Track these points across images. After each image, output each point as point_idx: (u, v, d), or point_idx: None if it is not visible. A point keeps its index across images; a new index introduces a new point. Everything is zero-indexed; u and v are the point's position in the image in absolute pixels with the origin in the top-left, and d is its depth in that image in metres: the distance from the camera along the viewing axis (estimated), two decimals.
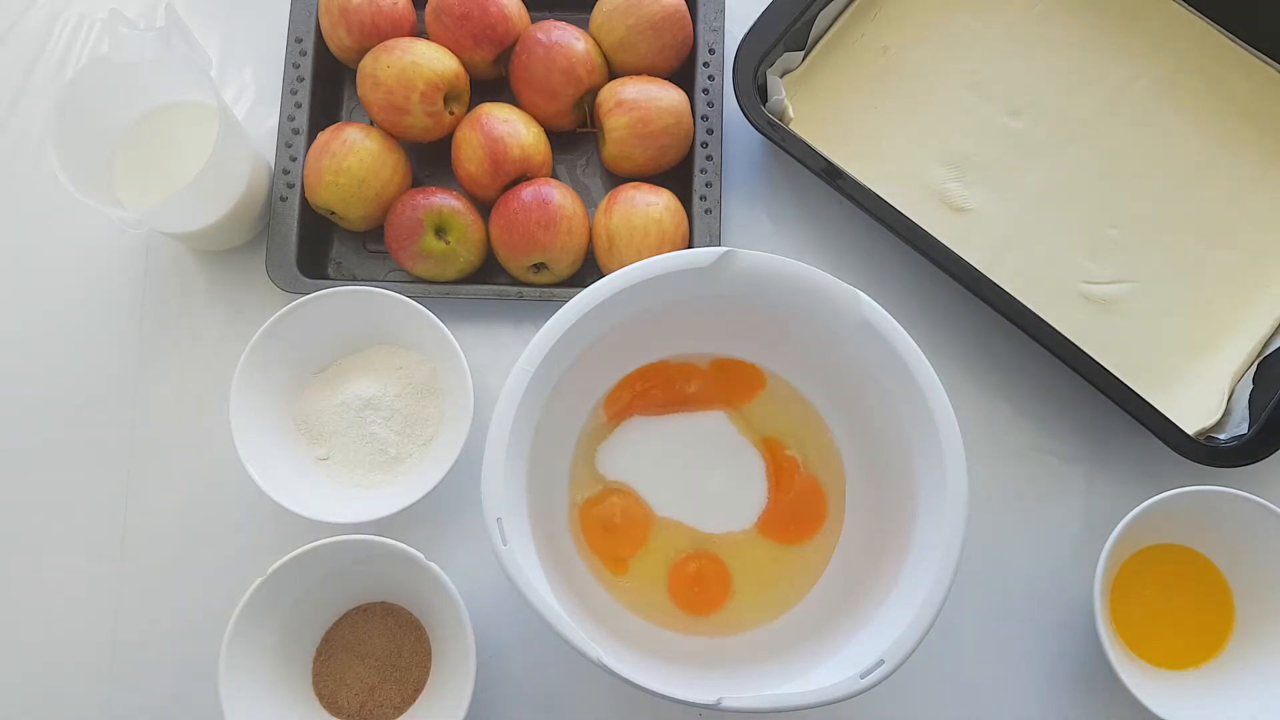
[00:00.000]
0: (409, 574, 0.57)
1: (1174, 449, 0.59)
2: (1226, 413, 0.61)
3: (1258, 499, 0.56)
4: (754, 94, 0.63)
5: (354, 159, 0.63)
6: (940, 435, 0.51)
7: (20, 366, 0.66)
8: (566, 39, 0.65)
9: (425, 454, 0.62)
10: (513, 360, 0.53)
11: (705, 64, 0.67)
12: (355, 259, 0.68)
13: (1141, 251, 0.65)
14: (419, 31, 0.68)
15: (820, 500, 0.60)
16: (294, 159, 0.66)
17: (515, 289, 0.65)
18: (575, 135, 0.69)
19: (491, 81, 0.69)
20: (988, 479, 0.63)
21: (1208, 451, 0.59)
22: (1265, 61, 0.67)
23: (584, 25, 0.67)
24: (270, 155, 0.67)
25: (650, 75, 0.66)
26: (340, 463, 0.62)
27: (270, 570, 0.55)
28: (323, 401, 0.63)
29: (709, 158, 0.66)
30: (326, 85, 0.69)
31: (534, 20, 0.67)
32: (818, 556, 0.59)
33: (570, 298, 0.53)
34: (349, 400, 0.62)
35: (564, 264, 0.64)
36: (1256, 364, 0.62)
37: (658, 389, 0.61)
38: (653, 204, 0.63)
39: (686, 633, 0.58)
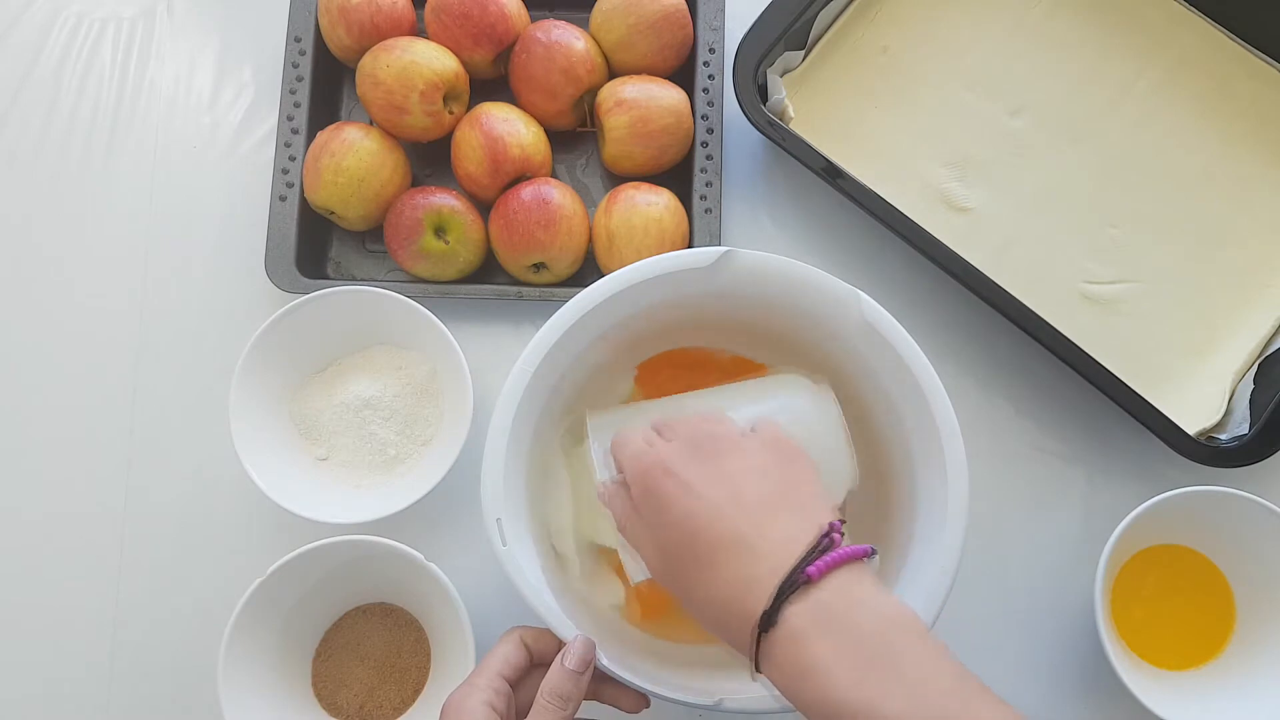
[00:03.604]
0: (409, 574, 0.57)
1: (1175, 449, 0.59)
2: (1228, 413, 0.61)
3: (1259, 499, 0.56)
4: (754, 93, 0.63)
5: (353, 158, 0.63)
6: (941, 435, 0.51)
7: (19, 366, 0.66)
8: (566, 38, 0.65)
9: (424, 454, 0.62)
10: (513, 360, 0.52)
11: (705, 63, 0.67)
12: (354, 259, 0.68)
13: (1143, 251, 0.65)
14: (418, 31, 0.68)
15: None
16: (293, 159, 0.66)
17: (515, 289, 0.64)
18: (575, 135, 0.69)
19: (491, 81, 0.69)
20: (988, 479, 0.63)
21: (1209, 452, 0.59)
22: (1267, 61, 0.67)
23: (584, 24, 0.67)
24: (269, 156, 0.67)
25: (650, 74, 0.66)
26: (339, 463, 0.62)
27: (270, 570, 0.55)
28: (322, 401, 0.63)
29: (709, 157, 0.65)
30: (326, 85, 0.69)
31: (533, 19, 0.67)
32: None
33: (570, 298, 0.53)
34: (348, 400, 0.62)
35: (564, 264, 0.64)
36: (1258, 364, 0.62)
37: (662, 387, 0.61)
38: (653, 204, 0.63)
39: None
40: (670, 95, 0.65)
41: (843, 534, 0.42)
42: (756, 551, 0.41)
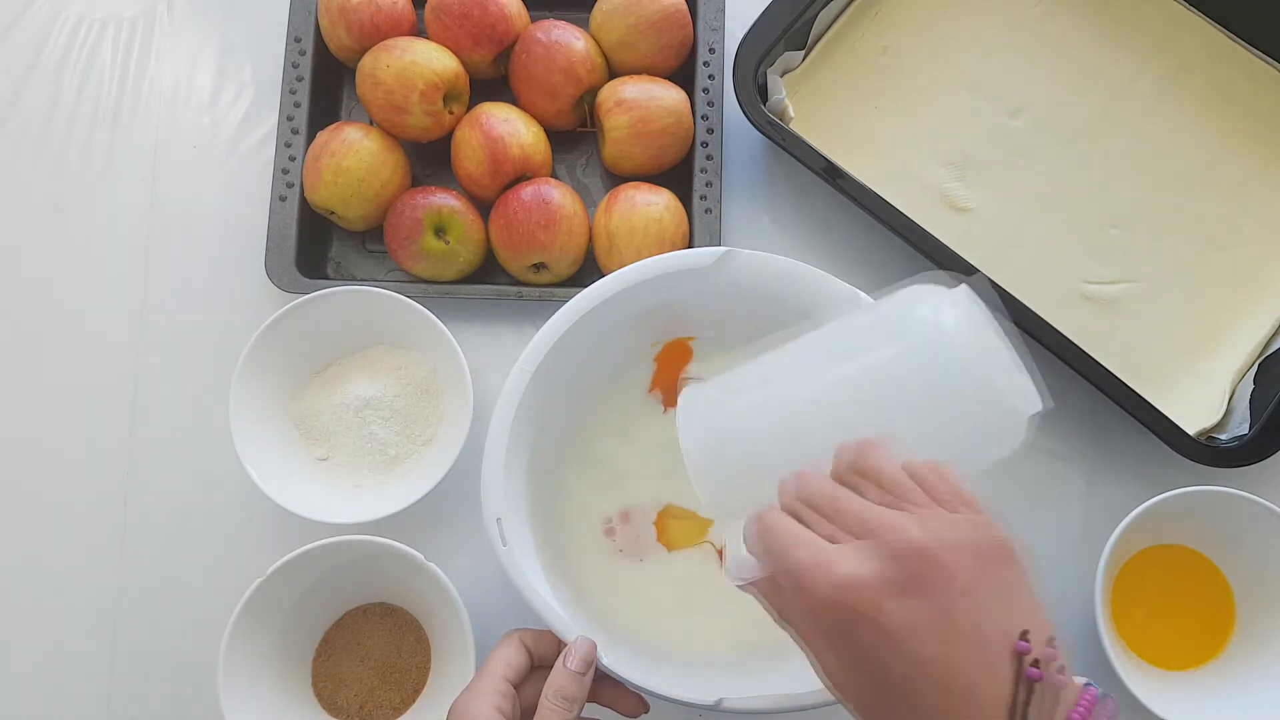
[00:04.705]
0: (409, 574, 0.57)
1: (1175, 449, 0.59)
2: (1227, 413, 0.61)
3: (1259, 499, 0.56)
4: (754, 93, 0.63)
5: (353, 158, 0.63)
6: None
7: (20, 366, 0.66)
8: (566, 38, 0.65)
9: (425, 454, 0.62)
10: (513, 360, 0.53)
11: (705, 63, 0.67)
12: (354, 259, 0.68)
13: (1142, 251, 0.65)
14: (419, 31, 0.68)
15: None
16: (293, 159, 0.66)
17: (515, 289, 0.64)
18: (575, 135, 0.69)
19: (491, 81, 0.69)
20: (988, 479, 0.63)
21: (1209, 451, 0.59)
22: (1266, 61, 0.67)
23: (584, 25, 0.67)
24: (269, 156, 0.67)
25: (650, 75, 0.66)
26: (340, 463, 0.62)
27: (270, 570, 0.55)
28: (322, 401, 0.63)
29: (709, 157, 0.65)
30: (326, 85, 0.69)
31: (534, 19, 0.67)
32: None
33: (570, 298, 0.53)
34: (348, 400, 0.62)
35: (564, 264, 0.64)
36: (1258, 364, 0.62)
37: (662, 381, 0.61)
38: (653, 204, 0.63)
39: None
40: (670, 95, 0.65)
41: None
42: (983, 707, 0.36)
